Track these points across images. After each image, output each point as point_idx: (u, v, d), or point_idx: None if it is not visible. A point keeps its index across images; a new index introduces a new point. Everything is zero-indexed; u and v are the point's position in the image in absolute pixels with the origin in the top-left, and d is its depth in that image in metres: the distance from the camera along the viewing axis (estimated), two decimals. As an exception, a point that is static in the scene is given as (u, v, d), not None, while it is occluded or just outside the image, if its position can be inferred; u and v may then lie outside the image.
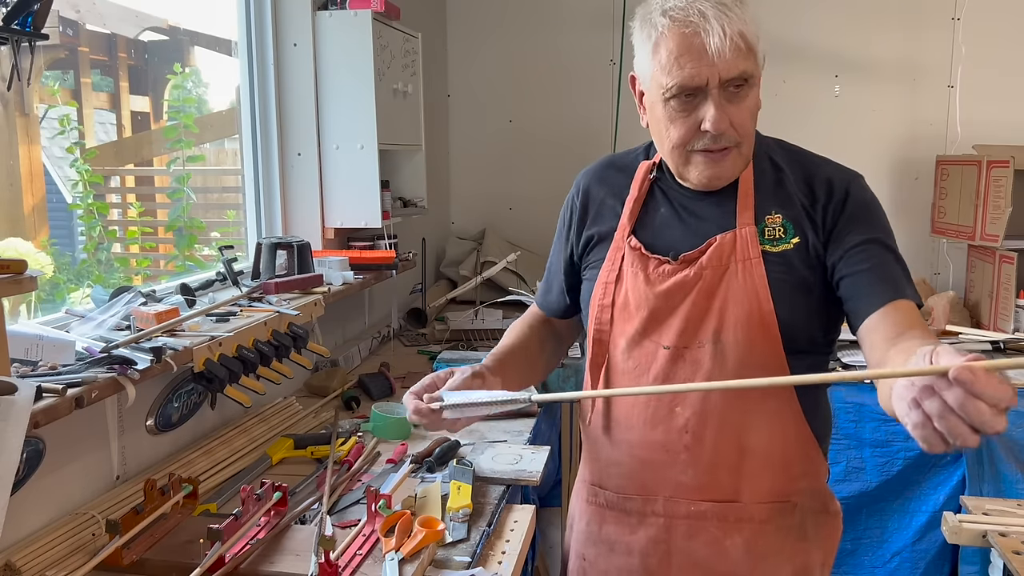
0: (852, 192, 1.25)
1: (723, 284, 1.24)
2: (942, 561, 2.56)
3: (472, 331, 3.00)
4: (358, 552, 1.39)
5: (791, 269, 1.24)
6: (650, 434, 1.29)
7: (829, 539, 1.37)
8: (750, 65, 1.17)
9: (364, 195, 2.52)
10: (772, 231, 1.25)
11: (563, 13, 3.62)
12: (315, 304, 2.10)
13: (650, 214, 1.34)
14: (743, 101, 1.19)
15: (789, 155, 1.32)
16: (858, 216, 1.24)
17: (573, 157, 3.61)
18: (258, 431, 2.00)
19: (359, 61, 2.45)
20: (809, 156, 1.33)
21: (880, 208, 1.28)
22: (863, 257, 1.21)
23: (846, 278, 1.22)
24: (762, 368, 1.21)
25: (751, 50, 1.17)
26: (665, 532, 1.32)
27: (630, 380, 1.30)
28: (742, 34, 1.14)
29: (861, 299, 1.19)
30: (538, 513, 1.71)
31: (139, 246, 2.42)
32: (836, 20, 3.48)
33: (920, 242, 3.49)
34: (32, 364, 1.39)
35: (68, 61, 2.16)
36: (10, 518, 1.18)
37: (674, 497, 1.30)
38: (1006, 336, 2.82)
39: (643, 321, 1.28)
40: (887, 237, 1.25)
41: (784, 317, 1.21)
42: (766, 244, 1.25)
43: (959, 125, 3.41)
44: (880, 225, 1.25)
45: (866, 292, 1.19)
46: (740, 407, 1.25)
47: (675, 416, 1.26)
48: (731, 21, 1.13)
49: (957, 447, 0.79)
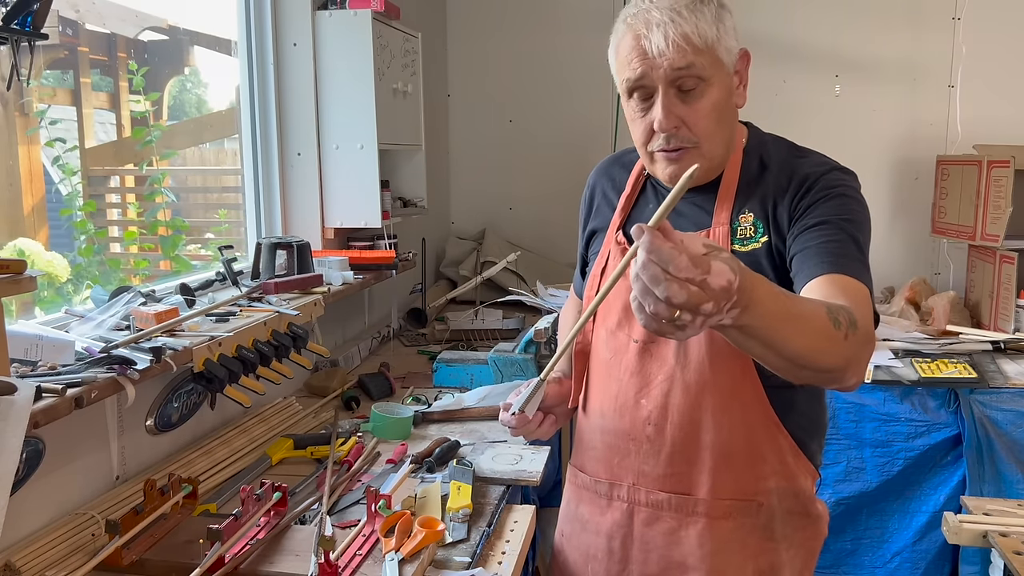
0: (821, 181, 1.24)
1: None
2: (942, 561, 2.56)
3: (472, 331, 2.99)
4: (358, 552, 1.39)
5: (757, 269, 1.17)
6: (619, 423, 1.35)
7: (809, 541, 1.36)
8: (699, 64, 1.19)
9: (364, 195, 2.52)
10: (744, 230, 1.27)
11: (563, 13, 3.62)
12: (315, 304, 2.10)
13: (640, 209, 1.40)
14: (696, 101, 1.21)
15: (781, 153, 1.32)
16: (820, 199, 1.22)
17: (573, 157, 3.61)
18: (258, 431, 2.00)
19: (359, 61, 2.45)
20: (801, 154, 1.31)
21: (853, 198, 1.23)
22: (814, 235, 1.19)
23: (795, 257, 1.21)
24: (724, 367, 1.25)
25: (704, 50, 1.19)
26: (627, 517, 1.37)
27: (606, 369, 1.37)
28: (687, 35, 1.18)
29: (800, 273, 1.18)
30: (538, 513, 1.71)
31: (137, 247, 2.41)
32: (836, 20, 3.48)
33: (920, 242, 3.49)
34: (32, 364, 1.39)
35: (68, 61, 2.16)
36: (10, 518, 1.18)
37: (637, 485, 1.36)
38: (1006, 336, 2.82)
39: (618, 313, 1.35)
40: (847, 221, 1.20)
41: None
42: (736, 244, 1.27)
43: (959, 125, 3.41)
44: (844, 208, 1.21)
45: (807, 265, 1.18)
46: (700, 404, 1.28)
47: (640, 407, 1.32)
48: (677, 24, 1.18)
49: (680, 331, 0.83)
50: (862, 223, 1.22)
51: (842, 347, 1.01)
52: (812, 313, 0.99)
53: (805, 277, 1.16)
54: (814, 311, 1.00)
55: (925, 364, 2.60)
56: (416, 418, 2.07)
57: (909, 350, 2.75)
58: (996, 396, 2.48)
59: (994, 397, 2.48)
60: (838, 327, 1.01)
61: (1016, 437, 2.46)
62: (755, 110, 1.37)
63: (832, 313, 1.01)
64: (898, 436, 2.53)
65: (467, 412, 2.15)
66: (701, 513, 1.31)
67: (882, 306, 3.21)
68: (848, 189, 1.24)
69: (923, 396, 2.53)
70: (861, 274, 1.15)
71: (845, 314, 1.02)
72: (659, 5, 1.20)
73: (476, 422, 2.11)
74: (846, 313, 1.03)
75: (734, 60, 1.24)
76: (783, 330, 0.94)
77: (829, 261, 1.15)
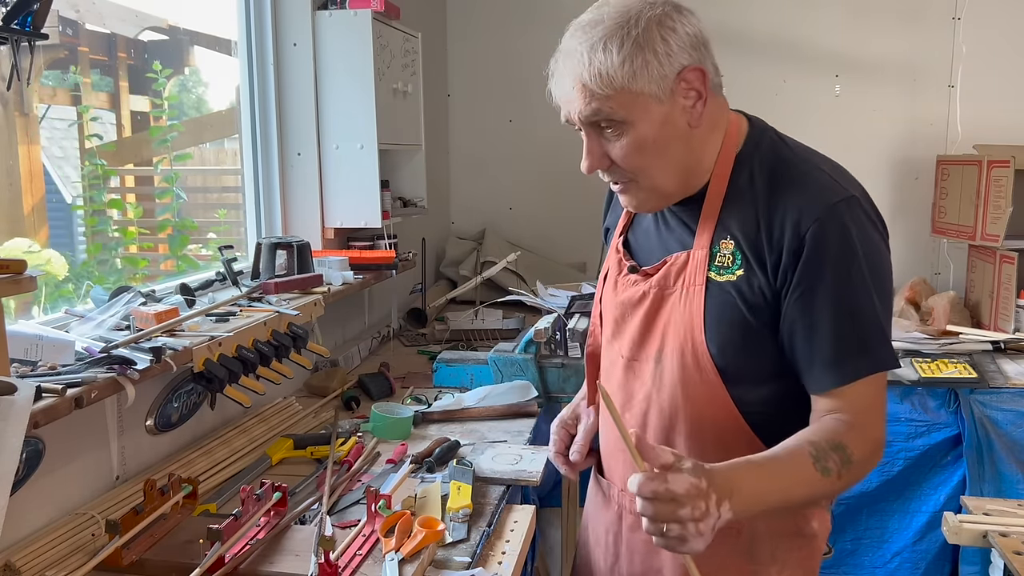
0: (819, 236, 1.12)
1: (667, 306, 1.24)
2: (942, 561, 2.56)
3: (472, 331, 2.99)
4: (358, 552, 1.39)
5: (730, 303, 1.18)
6: (611, 430, 1.36)
7: (806, 560, 1.31)
8: (608, 108, 1.13)
9: (364, 195, 2.52)
10: (722, 258, 1.19)
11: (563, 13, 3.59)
12: (315, 304, 2.10)
13: (641, 217, 1.36)
14: (619, 140, 1.16)
15: (772, 165, 1.20)
16: (818, 266, 1.12)
17: (573, 157, 3.61)
18: (258, 431, 2.00)
19: (359, 61, 2.45)
20: (790, 170, 1.19)
21: (853, 246, 1.13)
22: (813, 320, 1.13)
23: (795, 336, 1.16)
24: (696, 395, 1.22)
25: (612, 94, 1.12)
26: (618, 518, 1.39)
27: (606, 377, 1.38)
28: (585, 83, 1.12)
29: (803, 371, 1.17)
30: (538, 513, 1.71)
31: (138, 246, 2.42)
32: (836, 20, 3.48)
33: (920, 242, 3.49)
34: (32, 364, 1.39)
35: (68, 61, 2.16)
36: (10, 518, 1.18)
37: (624, 491, 1.36)
38: (1006, 336, 2.82)
39: (611, 326, 1.35)
40: (845, 287, 1.12)
41: (716, 352, 1.18)
42: (713, 271, 1.20)
43: (959, 125, 3.41)
44: (846, 278, 1.12)
45: (809, 368, 1.15)
46: (675, 427, 1.26)
47: (625, 420, 1.30)
48: (577, 71, 1.13)
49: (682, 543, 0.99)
50: (871, 278, 1.13)
51: (836, 485, 1.10)
52: (799, 471, 1.08)
53: (808, 385, 1.17)
54: (800, 467, 1.08)
55: (925, 364, 2.60)
56: (416, 418, 2.07)
57: (909, 350, 2.75)
58: (996, 396, 2.48)
59: (994, 397, 2.47)
60: (827, 474, 1.08)
61: (1016, 437, 2.46)
62: (755, 110, 1.35)
63: (820, 462, 1.08)
64: (898, 436, 2.53)
65: (467, 412, 2.15)
66: None
67: (882, 306, 3.21)
68: (851, 238, 1.12)
69: (923, 396, 2.53)
70: (865, 366, 1.13)
71: (835, 457, 1.09)
72: (567, 47, 1.16)
73: (476, 422, 2.11)
74: (837, 455, 1.09)
75: (668, 86, 1.13)
76: (777, 502, 1.08)
77: (831, 371, 1.13)
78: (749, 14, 3.50)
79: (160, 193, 2.47)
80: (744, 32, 3.48)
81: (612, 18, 1.13)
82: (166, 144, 2.39)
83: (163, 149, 2.41)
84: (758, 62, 3.50)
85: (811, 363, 1.15)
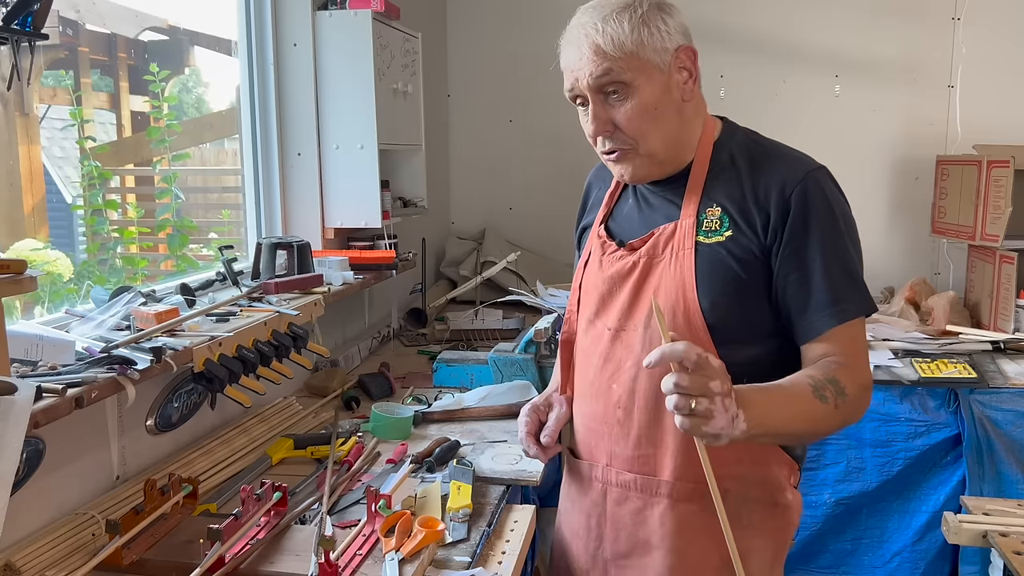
0: (802, 196, 1.26)
1: (656, 272, 1.33)
2: (942, 561, 2.56)
3: (472, 331, 3.00)
4: (358, 552, 1.39)
5: (720, 261, 1.28)
6: (594, 406, 1.41)
7: (780, 531, 1.38)
8: (617, 69, 1.25)
9: (364, 195, 2.52)
10: (710, 223, 1.31)
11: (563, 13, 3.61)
12: (315, 304, 2.10)
13: (621, 205, 1.46)
14: (623, 104, 1.28)
15: (749, 148, 1.34)
16: (804, 222, 1.26)
17: (573, 157, 3.61)
18: (258, 431, 2.00)
19: (359, 61, 2.45)
20: (767, 151, 1.34)
21: (832, 205, 1.28)
22: (805, 271, 1.26)
23: (788, 290, 1.28)
24: None
25: (621, 57, 1.25)
26: (602, 497, 1.42)
27: (586, 357, 1.44)
28: (598, 46, 1.26)
29: (796, 321, 1.28)
30: (538, 513, 1.71)
31: (137, 246, 2.42)
32: (836, 20, 3.48)
33: (920, 242, 3.49)
34: (32, 364, 1.39)
35: (68, 61, 2.16)
36: (10, 518, 1.18)
37: (609, 466, 1.41)
38: (1006, 336, 2.82)
39: (595, 303, 1.41)
40: (835, 242, 1.26)
41: (707, 307, 1.27)
42: (701, 235, 1.30)
43: (959, 125, 3.41)
44: (830, 229, 1.27)
45: (802, 316, 1.27)
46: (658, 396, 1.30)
47: (611, 392, 1.38)
48: (590, 37, 1.27)
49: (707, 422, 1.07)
50: (847, 233, 1.28)
51: (834, 417, 1.21)
52: (799, 396, 1.18)
53: (802, 332, 1.28)
54: (800, 393, 1.19)
55: (925, 364, 2.60)
56: (416, 418, 2.07)
57: (909, 350, 2.75)
58: (996, 396, 2.48)
59: (994, 397, 2.47)
60: (825, 402, 1.19)
61: (1016, 437, 2.46)
62: (755, 110, 1.37)
63: (818, 391, 1.19)
64: (898, 436, 2.53)
65: (467, 412, 2.15)
66: (664, 494, 1.35)
67: (882, 306, 3.21)
68: (829, 198, 1.28)
69: (923, 396, 2.53)
70: (852, 309, 1.26)
71: (831, 388, 1.20)
72: (579, 21, 1.30)
73: (476, 422, 2.12)
74: (832, 386, 1.20)
75: (668, 59, 1.28)
76: (781, 424, 1.17)
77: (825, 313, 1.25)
78: (749, 14, 3.50)
79: (160, 193, 2.47)
80: (744, 32, 3.48)
81: (618, 1, 1.28)
82: (165, 145, 2.39)
83: (162, 149, 2.41)
84: (758, 62, 3.50)
85: (805, 309, 1.26)
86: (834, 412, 1.20)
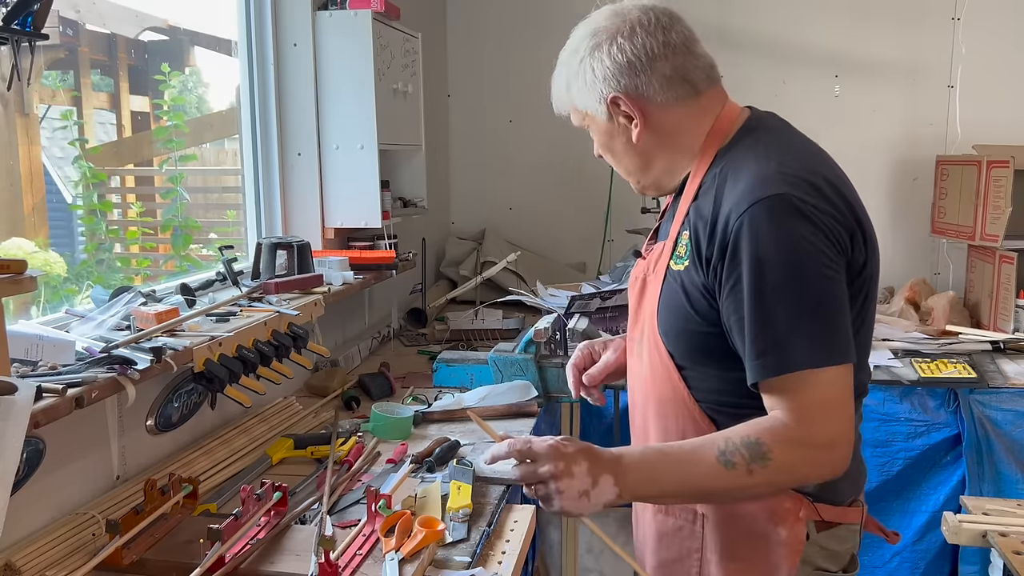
0: (738, 234, 1.11)
1: (647, 291, 1.31)
2: (942, 561, 2.56)
3: (472, 331, 2.99)
4: (358, 552, 1.40)
5: (674, 290, 1.23)
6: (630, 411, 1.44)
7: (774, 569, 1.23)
8: (573, 118, 1.32)
9: (364, 195, 2.52)
10: (681, 247, 1.23)
11: (563, 13, 3.61)
12: (315, 304, 2.10)
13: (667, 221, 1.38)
14: (595, 139, 1.33)
15: (736, 163, 1.19)
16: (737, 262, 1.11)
17: (573, 158, 3.61)
18: (258, 431, 2.00)
19: (359, 61, 2.45)
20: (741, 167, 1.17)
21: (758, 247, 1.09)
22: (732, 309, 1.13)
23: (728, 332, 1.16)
24: (659, 379, 1.28)
25: (571, 110, 1.31)
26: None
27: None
28: (553, 92, 1.33)
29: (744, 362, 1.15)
30: (538, 513, 1.71)
31: (139, 246, 2.42)
32: (836, 20, 3.48)
33: (920, 242, 3.49)
34: (32, 364, 1.39)
35: (68, 61, 2.16)
36: (10, 518, 1.18)
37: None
38: (1006, 336, 2.82)
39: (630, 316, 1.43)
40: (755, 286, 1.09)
41: (665, 338, 1.25)
42: (673, 260, 1.24)
43: (959, 125, 3.41)
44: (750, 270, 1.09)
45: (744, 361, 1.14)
46: (647, 406, 1.34)
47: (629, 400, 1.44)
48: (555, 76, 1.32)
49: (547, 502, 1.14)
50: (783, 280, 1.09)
51: (749, 482, 1.09)
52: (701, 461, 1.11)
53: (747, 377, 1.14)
54: (703, 458, 1.11)
55: (925, 364, 2.60)
56: (416, 418, 2.07)
57: (909, 350, 2.75)
58: (996, 396, 2.48)
59: (994, 397, 2.48)
60: (732, 468, 1.09)
61: (1016, 437, 2.46)
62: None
63: (725, 455, 1.10)
64: (898, 436, 2.53)
65: (467, 412, 2.15)
66: (650, 507, 1.37)
67: (882, 306, 3.21)
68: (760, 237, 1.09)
69: (923, 396, 2.53)
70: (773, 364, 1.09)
71: (744, 453, 1.09)
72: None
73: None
74: (747, 451, 1.09)
75: (603, 110, 1.25)
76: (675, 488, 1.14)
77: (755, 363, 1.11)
78: (749, 14, 3.50)
79: (165, 193, 2.47)
80: (744, 32, 3.48)
81: (568, 47, 1.29)
82: (171, 145, 2.40)
83: (167, 149, 2.41)
84: (758, 62, 3.50)
85: (743, 356, 1.13)
86: (746, 477, 1.08)
